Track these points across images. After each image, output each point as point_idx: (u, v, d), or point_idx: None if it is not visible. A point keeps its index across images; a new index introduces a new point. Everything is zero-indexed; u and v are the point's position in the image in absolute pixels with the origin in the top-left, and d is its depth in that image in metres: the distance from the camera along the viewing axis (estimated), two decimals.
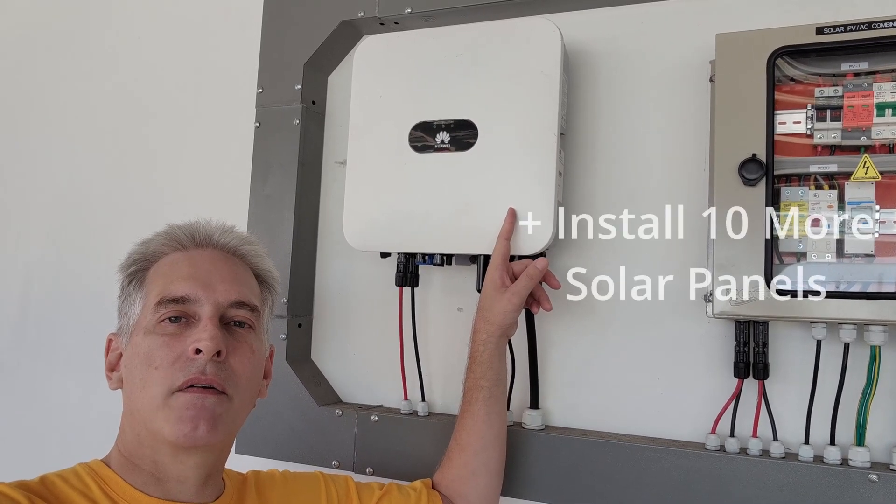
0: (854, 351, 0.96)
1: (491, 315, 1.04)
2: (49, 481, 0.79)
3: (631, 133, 1.15)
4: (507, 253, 1.06)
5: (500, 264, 1.05)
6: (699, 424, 1.06)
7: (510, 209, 1.07)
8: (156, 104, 1.55)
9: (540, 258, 1.06)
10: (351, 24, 1.30)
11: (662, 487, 1.02)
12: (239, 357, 0.84)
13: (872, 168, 0.93)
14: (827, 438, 0.98)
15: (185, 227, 0.90)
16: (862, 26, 0.93)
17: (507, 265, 1.06)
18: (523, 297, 1.03)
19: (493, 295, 1.04)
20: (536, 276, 1.04)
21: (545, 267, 1.05)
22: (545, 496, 1.09)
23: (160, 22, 1.58)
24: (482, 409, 1.03)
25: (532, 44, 1.10)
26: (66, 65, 1.69)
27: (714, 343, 1.07)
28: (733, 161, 0.97)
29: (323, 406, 1.25)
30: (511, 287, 1.03)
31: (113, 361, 0.88)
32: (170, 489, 0.83)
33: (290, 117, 1.32)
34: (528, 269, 1.04)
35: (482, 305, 1.05)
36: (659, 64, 1.15)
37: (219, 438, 0.82)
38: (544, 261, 1.05)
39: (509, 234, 1.07)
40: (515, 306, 1.03)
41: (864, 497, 0.93)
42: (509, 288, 1.03)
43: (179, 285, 0.84)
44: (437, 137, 1.13)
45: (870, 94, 0.95)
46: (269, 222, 1.32)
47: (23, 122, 1.73)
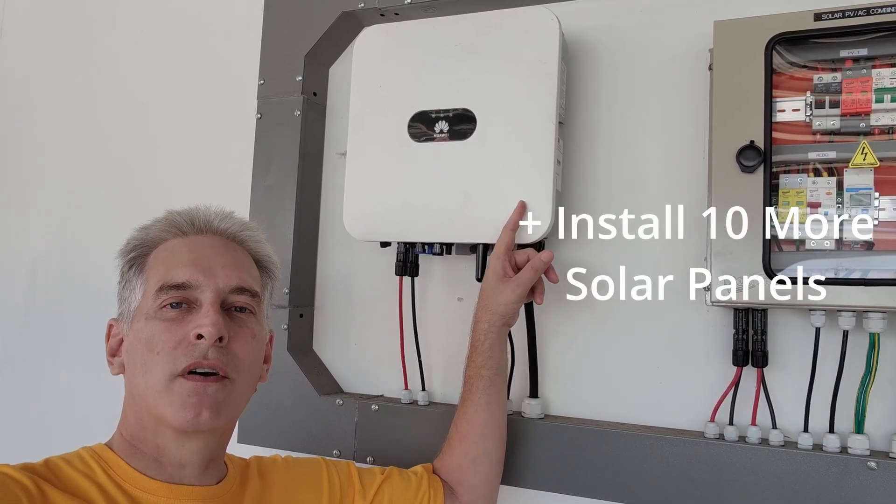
0: (853, 338, 0.96)
1: (493, 305, 1.03)
2: (53, 464, 0.80)
3: (630, 121, 1.15)
4: (511, 243, 1.05)
5: (503, 254, 1.04)
6: (698, 413, 1.06)
7: (521, 202, 1.07)
8: (158, 97, 1.56)
9: (545, 251, 1.05)
10: (351, 15, 1.30)
11: (661, 476, 1.02)
12: (240, 342, 0.85)
13: (871, 154, 0.93)
14: (826, 426, 0.98)
15: (185, 212, 0.91)
16: (860, 12, 0.93)
17: (511, 255, 1.05)
18: (527, 288, 1.03)
19: (496, 285, 1.03)
20: (541, 269, 1.04)
21: (550, 259, 1.04)
22: (544, 485, 1.09)
23: (163, 15, 1.59)
24: (483, 397, 1.03)
25: (530, 33, 1.10)
26: (70, 59, 1.70)
27: (713, 331, 1.07)
28: (731, 148, 0.97)
29: (324, 396, 1.25)
30: (515, 278, 1.03)
31: (114, 347, 0.89)
32: (172, 473, 0.83)
33: (291, 109, 1.33)
34: (532, 261, 1.03)
35: (484, 295, 1.05)
36: (658, 52, 1.14)
37: (222, 423, 0.83)
38: (549, 253, 1.04)
39: (515, 226, 1.06)
40: (519, 297, 1.02)
41: (863, 484, 0.92)
42: (513, 279, 1.03)
43: (180, 271, 0.84)
44: (436, 127, 1.14)
45: (868, 81, 0.95)
46: (270, 213, 1.32)
47: (28, 117, 1.74)
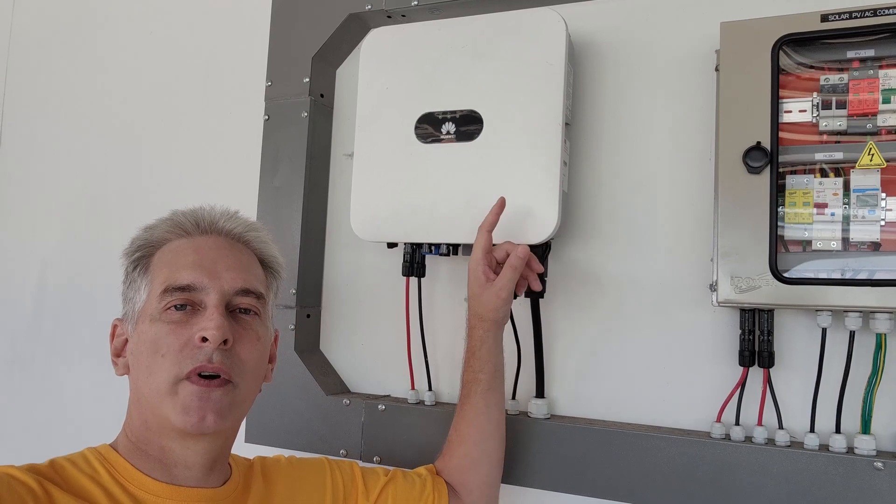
0: (860, 339, 0.96)
1: (482, 311, 1.02)
2: (58, 465, 0.81)
3: (637, 122, 1.16)
4: (488, 245, 1.03)
5: (482, 258, 1.02)
6: (704, 413, 1.06)
7: (500, 198, 1.04)
8: (167, 98, 1.57)
9: (521, 246, 1.02)
10: (358, 17, 1.31)
11: (667, 476, 1.02)
12: (245, 345, 0.85)
13: (878, 155, 0.93)
14: (832, 427, 0.98)
15: (189, 212, 0.90)
16: (867, 13, 0.93)
17: (489, 258, 1.04)
18: (510, 289, 1.01)
19: (480, 292, 1.02)
20: (520, 266, 1.01)
21: (527, 254, 1.01)
22: (550, 484, 1.09)
23: (171, 18, 1.60)
24: (481, 400, 1.03)
25: (537, 35, 1.10)
26: (79, 60, 1.71)
27: (719, 332, 1.07)
28: (738, 149, 0.97)
29: (331, 396, 1.26)
30: (496, 282, 1.01)
31: (118, 347, 0.88)
32: (177, 474, 0.84)
33: (298, 110, 1.33)
34: (510, 261, 1.01)
35: (472, 303, 1.04)
36: (665, 54, 1.15)
37: (226, 426, 0.83)
38: (525, 248, 1.01)
39: (492, 227, 1.03)
40: (504, 300, 1.01)
41: (869, 485, 0.92)
42: (495, 283, 1.01)
43: (185, 273, 0.84)
44: (443, 128, 1.14)
45: (875, 82, 0.95)
46: (277, 214, 1.33)
47: (37, 117, 1.76)
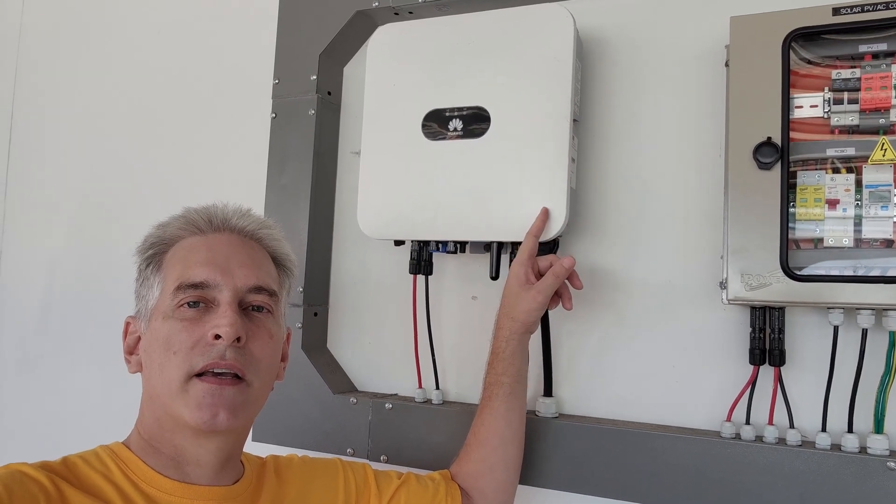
0: (872, 336, 0.94)
1: (515, 312, 1.02)
2: (71, 462, 0.81)
3: (646, 118, 1.15)
4: (534, 250, 1.04)
5: (526, 260, 1.03)
6: (714, 412, 1.05)
7: (544, 208, 1.06)
8: (174, 97, 1.57)
9: (567, 257, 1.03)
10: (365, 14, 1.31)
11: (676, 476, 1.01)
12: (258, 342, 0.85)
13: (891, 150, 0.92)
14: (844, 426, 0.96)
15: (202, 210, 0.91)
16: (879, 6, 0.92)
17: (533, 262, 1.04)
18: (549, 295, 1.02)
19: (518, 292, 1.02)
20: (563, 275, 1.02)
21: (572, 265, 1.02)
22: (559, 484, 1.08)
23: (178, 16, 1.60)
24: (502, 404, 1.02)
25: (545, 30, 1.09)
26: (87, 60, 1.71)
27: (729, 330, 1.06)
28: (748, 145, 0.96)
29: (338, 394, 1.26)
30: (537, 285, 1.01)
31: (131, 344, 0.89)
32: (189, 472, 0.83)
33: (305, 108, 1.33)
34: (554, 268, 1.02)
35: (506, 302, 1.04)
36: (674, 49, 1.14)
37: (239, 423, 0.83)
38: (571, 259, 1.02)
39: (539, 232, 1.05)
40: (540, 304, 1.01)
41: (882, 485, 0.91)
42: (535, 285, 1.01)
43: (198, 270, 0.84)
44: (451, 125, 1.14)
45: (888, 76, 0.93)
46: (285, 212, 1.33)
47: (45, 117, 1.76)
